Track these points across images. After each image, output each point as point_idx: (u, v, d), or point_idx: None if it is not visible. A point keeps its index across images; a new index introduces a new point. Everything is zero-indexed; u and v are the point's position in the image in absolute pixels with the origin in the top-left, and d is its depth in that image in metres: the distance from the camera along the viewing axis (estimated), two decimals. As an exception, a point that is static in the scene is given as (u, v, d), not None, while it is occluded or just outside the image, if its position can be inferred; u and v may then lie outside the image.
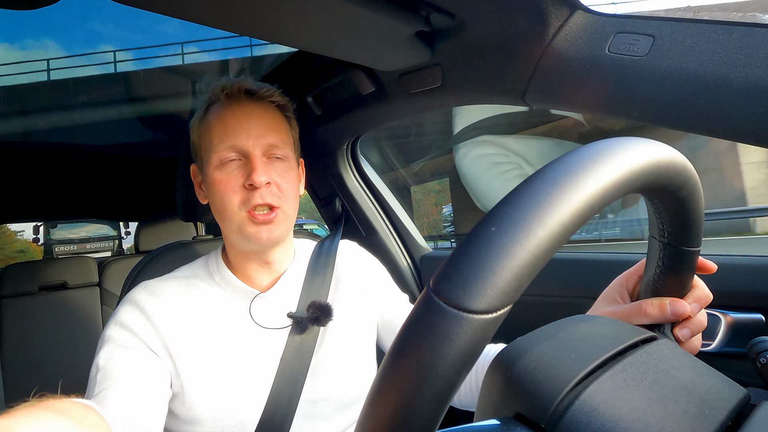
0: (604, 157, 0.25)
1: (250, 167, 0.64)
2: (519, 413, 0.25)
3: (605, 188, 0.24)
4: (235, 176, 0.65)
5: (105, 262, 1.78)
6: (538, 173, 0.24)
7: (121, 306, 0.66)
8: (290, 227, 0.70)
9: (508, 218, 0.22)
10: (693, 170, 0.31)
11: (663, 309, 0.41)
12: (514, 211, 0.22)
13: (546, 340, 0.29)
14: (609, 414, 0.24)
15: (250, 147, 0.65)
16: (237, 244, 0.69)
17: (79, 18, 1.76)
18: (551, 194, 0.22)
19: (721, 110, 0.54)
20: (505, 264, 0.20)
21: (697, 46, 0.55)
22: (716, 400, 0.27)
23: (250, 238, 0.65)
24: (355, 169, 1.39)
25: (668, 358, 0.30)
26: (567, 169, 0.24)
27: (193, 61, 1.91)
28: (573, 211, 0.22)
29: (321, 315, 0.68)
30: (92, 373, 0.60)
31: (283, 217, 0.67)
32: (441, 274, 0.22)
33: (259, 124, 0.66)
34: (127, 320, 0.63)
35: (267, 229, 0.65)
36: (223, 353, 0.65)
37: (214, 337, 0.66)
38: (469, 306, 0.20)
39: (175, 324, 0.64)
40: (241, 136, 0.65)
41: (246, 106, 0.67)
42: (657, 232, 0.37)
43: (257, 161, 0.64)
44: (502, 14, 0.68)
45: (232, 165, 0.66)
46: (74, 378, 1.58)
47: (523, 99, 0.76)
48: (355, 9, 0.64)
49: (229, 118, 0.66)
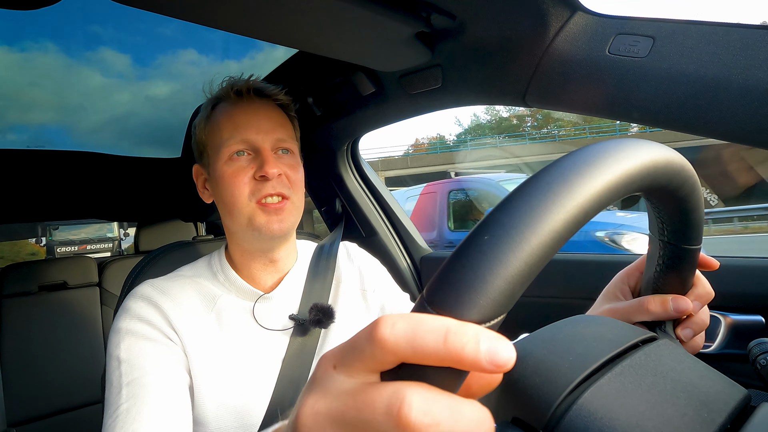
0: (599, 161, 0.24)
1: (261, 160, 0.66)
2: (516, 417, 0.25)
3: (601, 192, 0.23)
4: (245, 169, 0.66)
5: (105, 262, 1.78)
6: (532, 179, 0.24)
7: (130, 301, 0.65)
8: (298, 220, 0.70)
9: (500, 226, 0.21)
10: (691, 169, 0.31)
11: (665, 306, 0.41)
12: (507, 218, 0.22)
13: (544, 342, 0.29)
14: (607, 418, 0.24)
15: (260, 141, 0.67)
16: (245, 239, 0.69)
17: (79, 20, 1.76)
18: (545, 200, 0.22)
19: (721, 111, 0.54)
20: (497, 273, 0.20)
21: (697, 48, 0.55)
22: (715, 402, 0.27)
23: (261, 229, 0.65)
24: (355, 169, 1.39)
25: (667, 359, 0.29)
26: (561, 174, 0.23)
27: (191, 64, 1.91)
28: (567, 217, 0.22)
29: (323, 317, 0.68)
30: (112, 366, 0.59)
31: (292, 207, 0.68)
32: (434, 284, 0.21)
33: (267, 119, 0.68)
34: (142, 313, 0.63)
35: (278, 219, 0.65)
36: (226, 354, 0.65)
37: (219, 337, 0.66)
38: (463, 317, 0.20)
39: (184, 320, 0.64)
40: (251, 131, 0.66)
41: (254, 103, 0.69)
42: (657, 230, 0.37)
43: (268, 154, 0.66)
44: (502, 15, 0.68)
45: (242, 159, 0.67)
46: (74, 377, 1.58)
47: (524, 100, 0.76)
48: (356, 10, 0.64)
49: (238, 114, 0.68)
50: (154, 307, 0.64)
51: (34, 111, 1.78)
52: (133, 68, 1.96)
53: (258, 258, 0.70)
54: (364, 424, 0.18)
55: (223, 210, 0.69)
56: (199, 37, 1.69)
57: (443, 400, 0.18)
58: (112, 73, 2.15)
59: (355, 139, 1.31)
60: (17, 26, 1.75)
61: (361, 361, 0.20)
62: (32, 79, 1.88)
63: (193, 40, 1.75)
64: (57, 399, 1.53)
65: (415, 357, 0.19)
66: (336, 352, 0.21)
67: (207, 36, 1.68)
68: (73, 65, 1.94)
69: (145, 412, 0.54)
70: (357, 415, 0.19)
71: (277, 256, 0.71)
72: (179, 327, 0.63)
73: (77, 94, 1.85)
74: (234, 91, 0.69)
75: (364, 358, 0.20)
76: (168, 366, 0.60)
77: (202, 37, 1.67)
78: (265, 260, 0.71)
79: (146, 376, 0.57)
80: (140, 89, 1.73)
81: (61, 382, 1.55)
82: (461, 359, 0.18)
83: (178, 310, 0.64)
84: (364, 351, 0.20)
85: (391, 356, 0.19)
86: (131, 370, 0.58)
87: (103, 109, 1.69)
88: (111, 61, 2.02)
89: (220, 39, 1.74)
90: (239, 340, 0.66)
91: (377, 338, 0.19)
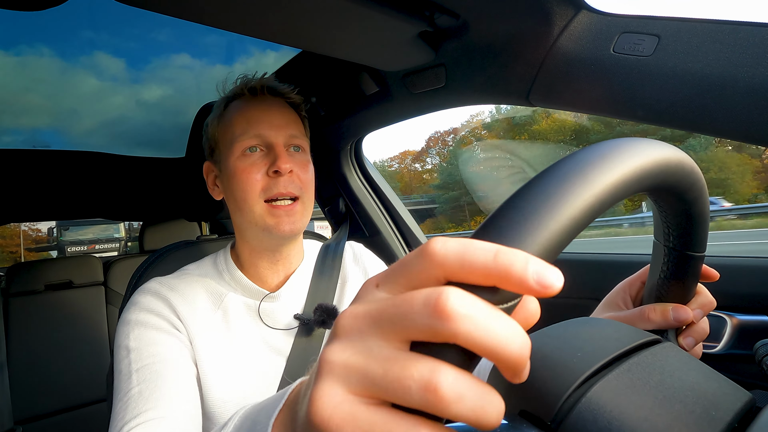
0: (613, 155, 0.24)
1: (273, 156, 0.66)
2: (524, 410, 0.25)
3: (614, 186, 0.23)
4: (258, 165, 0.66)
5: (110, 262, 1.79)
6: (544, 172, 0.24)
7: (138, 295, 0.66)
8: (308, 221, 0.70)
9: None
10: (700, 173, 0.31)
11: (666, 315, 0.41)
12: (516, 213, 0.22)
13: (552, 339, 0.29)
14: (616, 412, 0.24)
15: (273, 137, 0.67)
16: (254, 237, 0.69)
17: (74, 25, 1.76)
18: (560, 190, 0.22)
19: (727, 110, 0.53)
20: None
21: (702, 46, 0.55)
22: (722, 402, 0.26)
23: (271, 230, 0.65)
24: (359, 169, 1.39)
25: (674, 360, 0.29)
26: (576, 166, 0.23)
27: (185, 68, 1.91)
28: (584, 207, 0.22)
29: (327, 318, 0.68)
30: (120, 356, 0.59)
31: (302, 208, 0.68)
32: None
33: (280, 116, 0.69)
34: (151, 306, 0.64)
35: (289, 221, 0.66)
36: (232, 351, 0.65)
37: (225, 334, 0.66)
38: None
39: (192, 315, 0.65)
40: (264, 126, 0.67)
41: (267, 100, 0.70)
42: (662, 236, 0.37)
43: (281, 150, 0.66)
44: (506, 14, 0.68)
45: (255, 155, 0.67)
46: (79, 375, 1.59)
47: (528, 99, 0.76)
48: (359, 9, 0.64)
49: (252, 111, 0.69)
50: (162, 301, 0.64)
51: (29, 114, 1.79)
52: (128, 72, 1.96)
53: (265, 256, 0.71)
54: (401, 317, 0.19)
55: (233, 206, 0.69)
56: (191, 44, 1.68)
57: (482, 304, 0.18)
58: (107, 76, 2.16)
59: (358, 138, 1.31)
60: (14, 31, 1.75)
61: (406, 276, 0.20)
62: (28, 84, 1.88)
63: (186, 46, 1.75)
64: (63, 397, 1.55)
65: (463, 272, 0.19)
66: (380, 274, 0.22)
67: (199, 43, 1.68)
68: (68, 69, 1.94)
69: (158, 393, 0.54)
70: (395, 311, 0.19)
71: (284, 255, 0.71)
72: (187, 321, 0.64)
73: (72, 97, 1.86)
74: (248, 88, 0.70)
75: (410, 272, 0.20)
76: (178, 354, 0.60)
77: (194, 44, 1.66)
78: (272, 259, 0.71)
79: (157, 364, 0.57)
80: (135, 92, 1.73)
81: (66, 380, 1.56)
82: (509, 276, 0.18)
83: (186, 306, 0.65)
84: (411, 265, 0.20)
85: (439, 269, 0.19)
86: (141, 357, 0.58)
87: (98, 111, 1.70)
88: (106, 64, 2.01)
89: (214, 44, 1.74)
90: (245, 339, 0.67)
91: (428, 251, 0.19)
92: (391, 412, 0.18)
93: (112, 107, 15.25)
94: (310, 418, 0.19)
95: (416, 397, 0.17)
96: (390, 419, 0.18)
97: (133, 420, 0.51)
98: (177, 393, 0.56)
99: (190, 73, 21.91)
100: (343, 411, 0.19)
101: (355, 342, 0.20)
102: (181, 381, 0.57)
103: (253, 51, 16.12)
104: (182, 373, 0.59)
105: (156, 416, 0.52)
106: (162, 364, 0.57)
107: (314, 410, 0.19)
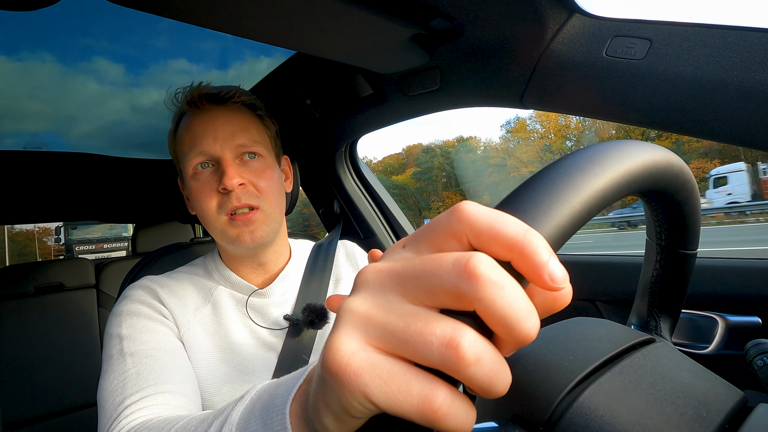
0: (603, 159, 0.25)
1: (221, 171, 0.64)
2: (516, 414, 0.25)
3: (604, 189, 0.24)
4: (209, 182, 0.65)
5: (102, 264, 1.77)
6: (535, 176, 0.24)
7: (130, 290, 0.66)
8: (275, 227, 0.69)
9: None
10: (690, 173, 0.31)
11: None
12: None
13: (544, 342, 0.29)
14: (607, 416, 0.24)
15: (218, 151, 0.64)
16: (226, 248, 0.70)
17: (74, 31, 1.77)
18: (547, 197, 0.22)
19: (718, 113, 0.54)
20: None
21: (694, 50, 0.55)
22: (714, 402, 0.27)
23: (234, 241, 0.65)
24: (354, 171, 1.39)
25: (666, 360, 0.30)
26: (565, 171, 0.23)
27: (183, 72, 1.91)
28: (572, 213, 0.22)
29: (316, 318, 0.68)
30: (112, 343, 0.59)
31: (263, 216, 0.66)
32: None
33: (225, 126, 0.65)
34: (143, 298, 0.64)
35: (249, 231, 0.64)
36: (222, 345, 0.66)
37: (215, 328, 0.67)
38: None
39: (182, 313, 0.65)
40: (208, 141, 0.64)
41: (210, 110, 0.66)
42: (654, 235, 0.37)
43: (227, 165, 0.64)
44: (500, 18, 0.68)
45: (205, 172, 0.65)
46: (70, 379, 1.57)
47: (521, 102, 0.76)
48: (354, 12, 0.64)
49: (195, 126, 0.66)
50: (153, 295, 0.65)
51: (30, 118, 1.78)
52: (127, 76, 1.95)
53: (246, 262, 0.71)
54: (428, 274, 0.18)
55: (202, 221, 0.69)
56: (189, 49, 1.69)
57: (509, 276, 0.18)
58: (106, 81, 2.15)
59: (353, 140, 1.31)
60: (16, 37, 1.76)
61: (433, 234, 0.20)
62: (29, 89, 1.88)
63: (183, 51, 1.76)
64: (53, 401, 1.53)
65: (488, 236, 0.19)
66: (408, 236, 0.22)
67: (197, 47, 1.68)
68: (68, 73, 1.93)
69: (158, 374, 0.54)
70: (422, 268, 0.19)
71: (264, 260, 0.72)
72: (176, 314, 0.65)
73: (72, 101, 1.85)
74: (186, 102, 0.67)
75: (438, 232, 0.20)
76: (171, 342, 0.61)
77: (191, 49, 1.67)
78: (254, 264, 0.71)
79: (152, 350, 0.57)
80: (133, 96, 1.73)
81: (57, 384, 1.54)
82: (531, 257, 0.18)
83: (176, 300, 0.66)
84: (440, 224, 0.20)
85: (467, 228, 0.19)
86: (135, 343, 0.58)
87: (97, 115, 1.69)
88: (105, 69, 2.02)
89: (210, 49, 1.74)
90: (235, 336, 0.67)
91: (460, 209, 0.19)
92: (410, 365, 0.18)
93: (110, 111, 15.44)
94: (327, 366, 0.19)
95: (437, 353, 0.17)
96: (409, 372, 0.18)
97: (135, 394, 0.50)
98: (180, 372, 0.56)
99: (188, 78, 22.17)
100: (361, 358, 0.18)
101: (376, 296, 0.20)
102: (178, 364, 0.58)
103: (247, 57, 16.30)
104: (178, 358, 0.59)
105: (162, 390, 0.51)
106: (158, 350, 0.58)
107: (331, 357, 0.18)
